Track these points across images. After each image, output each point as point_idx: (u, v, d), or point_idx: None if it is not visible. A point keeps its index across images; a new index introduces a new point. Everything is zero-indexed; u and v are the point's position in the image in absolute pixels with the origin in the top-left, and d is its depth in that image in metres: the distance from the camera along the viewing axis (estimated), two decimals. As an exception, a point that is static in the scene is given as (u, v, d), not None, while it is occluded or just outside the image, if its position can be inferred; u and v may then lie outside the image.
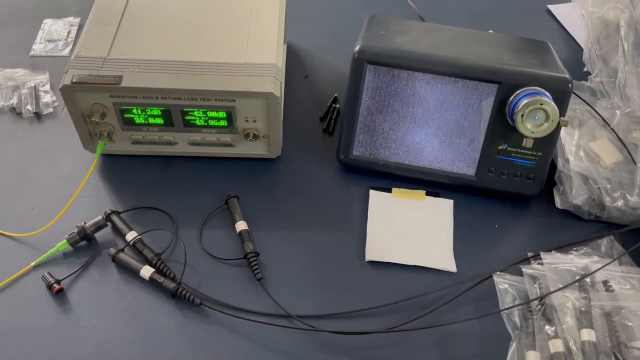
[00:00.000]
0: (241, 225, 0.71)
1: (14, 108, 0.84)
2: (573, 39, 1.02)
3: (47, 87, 0.86)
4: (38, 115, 0.84)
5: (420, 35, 0.77)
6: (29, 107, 0.83)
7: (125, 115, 0.73)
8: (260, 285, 0.67)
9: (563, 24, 1.04)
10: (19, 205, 0.73)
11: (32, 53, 0.92)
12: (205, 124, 0.74)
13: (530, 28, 1.03)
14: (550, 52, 0.77)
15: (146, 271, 0.66)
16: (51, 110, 0.84)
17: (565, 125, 0.66)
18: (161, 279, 0.66)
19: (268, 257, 0.70)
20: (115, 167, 0.78)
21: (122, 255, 0.68)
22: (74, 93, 0.70)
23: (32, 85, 0.85)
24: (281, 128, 0.77)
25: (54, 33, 0.95)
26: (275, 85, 0.71)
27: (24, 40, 0.94)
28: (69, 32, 0.95)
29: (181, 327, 0.63)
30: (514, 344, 0.62)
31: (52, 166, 0.78)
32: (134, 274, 0.67)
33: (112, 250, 0.68)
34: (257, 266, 0.68)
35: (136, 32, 0.76)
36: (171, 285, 0.65)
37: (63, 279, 0.66)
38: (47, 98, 0.85)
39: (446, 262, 0.70)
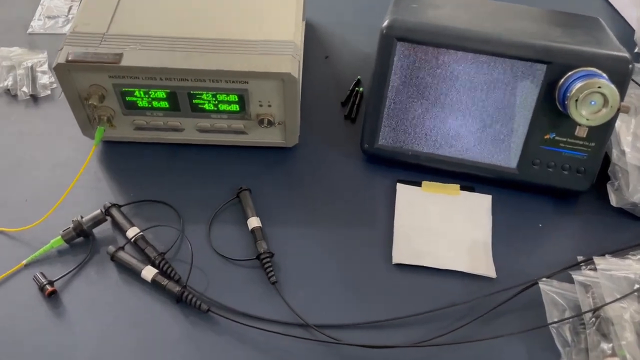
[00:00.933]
0: (254, 222, 0.64)
1: (8, 90, 0.77)
2: (621, 16, 0.92)
3: (45, 67, 0.80)
4: (34, 98, 0.77)
5: (456, 9, 0.68)
6: (24, 88, 0.77)
7: (127, 98, 0.66)
8: (274, 289, 0.60)
9: (610, 1, 0.94)
10: (11, 196, 0.67)
11: (30, 30, 0.85)
12: (215, 108, 0.67)
13: (573, 4, 0.94)
14: (603, 29, 0.68)
15: (148, 272, 0.59)
16: (49, 92, 0.77)
17: (627, 112, 0.58)
18: (165, 282, 0.59)
19: (283, 258, 0.62)
20: (117, 155, 0.71)
21: (122, 254, 0.61)
22: (69, 73, 0.63)
23: (29, 65, 0.79)
24: (299, 114, 0.69)
25: (53, 9, 0.88)
26: (293, 65, 0.63)
27: (23, 16, 0.88)
28: (69, 8, 0.88)
29: (186, 335, 0.57)
30: (565, 363, 0.54)
31: (48, 153, 0.71)
32: (135, 274, 0.60)
33: (112, 248, 0.61)
34: (271, 268, 0.61)
35: (139, 5, 0.68)
36: (176, 288, 0.58)
37: (56, 280, 0.60)
38: (44, 79, 0.78)
39: (484, 266, 0.62)
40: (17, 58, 0.79)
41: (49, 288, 0.58)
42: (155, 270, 0.60)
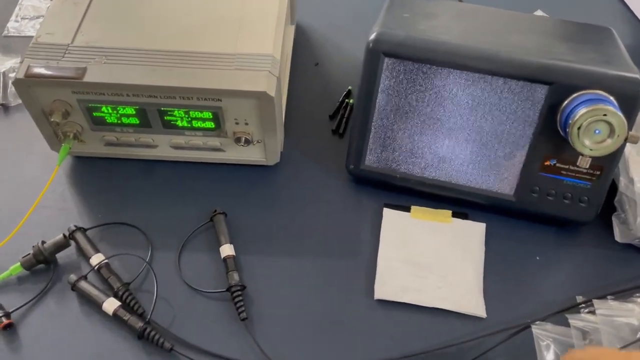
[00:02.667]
0: (227, 250, 0.60)
1: (-22, 98, 0.73)
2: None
3: (18, 74, 0.75)
4: (5, 107, 0.73)
5: (452, 20, 0.62)
6: (-6, 97, 0.73)
7: (94, 114, 0.61)
8: (244, 327, 0.55)
9: (628, 3, 0.87)
10: (-27, 216, 0.63)
11: (5, 33, 0.81)
12: (189, 125, 0.62)
13: (587, 8, 0.87)
14: (615, 43, 0.62)
15: (110, 305, 0.55)
16: (20, 101, 0.73)
17: (635, 142, 0.52)
18: (126, 316, 0.55)
19: (257, 291, 0.58)
20: (87, 172, 0.67)
21: (83, 284, 0.57)
22: (29, 88, 0.59)
23: (1, 71, 0.74)
24: (280, 131, 0.64)
25: (31, 9, 0.83)
26: (269, 82, 0.58)
27: (0, 17, 0.83)
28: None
29: (148, 374, 0.53)
30: (556, 422, 0.49)
31: (16, 169, 0.67)
32: (96, 306, 0.56)
33: (73, 277, 0.57)
34: (241, 303, 0.56)
35: (109, 14, 0.64)
36: (138, 324, 0.54)
37: (13, 311, 0.56)
38: (16, 87, 0.74)
39: (474, 304, 0.57)
40: (-12, 64, 0.76)
41: (4, 320, 0.55)
42: (117, 303, 0.56)
